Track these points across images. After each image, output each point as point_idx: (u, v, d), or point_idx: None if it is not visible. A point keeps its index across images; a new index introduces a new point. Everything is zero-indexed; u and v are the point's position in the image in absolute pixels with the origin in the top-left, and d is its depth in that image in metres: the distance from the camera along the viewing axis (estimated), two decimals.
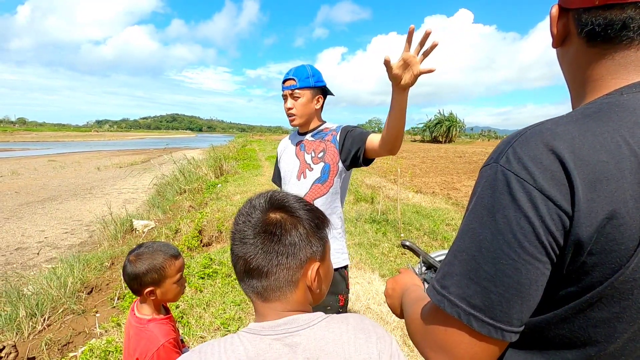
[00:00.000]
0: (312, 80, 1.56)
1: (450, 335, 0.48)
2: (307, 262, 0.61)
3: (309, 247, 0.61)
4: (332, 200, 1.57)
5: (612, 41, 0.48)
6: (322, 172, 1.55)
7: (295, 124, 1.61)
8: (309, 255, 0.61)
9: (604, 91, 0.49)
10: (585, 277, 0.43)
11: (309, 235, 0.61)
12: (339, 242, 1.60)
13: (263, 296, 0.61)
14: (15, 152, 27.06)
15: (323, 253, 0.64)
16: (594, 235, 0.41)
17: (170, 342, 1.15)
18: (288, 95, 1.57)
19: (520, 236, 0.43)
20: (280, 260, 0.59)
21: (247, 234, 0.60)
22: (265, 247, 0.59)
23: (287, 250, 0.59)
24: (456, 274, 0.48)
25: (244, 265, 0.60)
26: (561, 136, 0.44)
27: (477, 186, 0.50)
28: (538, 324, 0.48)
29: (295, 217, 0.61)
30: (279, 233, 0.59)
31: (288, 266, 0.59)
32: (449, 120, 41.93)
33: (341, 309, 1.57)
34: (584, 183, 0.41)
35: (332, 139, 1.59)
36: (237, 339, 0.59)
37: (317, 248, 0.62)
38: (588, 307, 0.44)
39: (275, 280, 0.59)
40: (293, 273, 0.60)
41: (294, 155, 1.66)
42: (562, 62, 0.57)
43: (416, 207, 6.64)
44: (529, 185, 0.43)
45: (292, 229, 0.60)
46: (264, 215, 0.61)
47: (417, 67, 1.14)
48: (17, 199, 9.46)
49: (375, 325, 0.63)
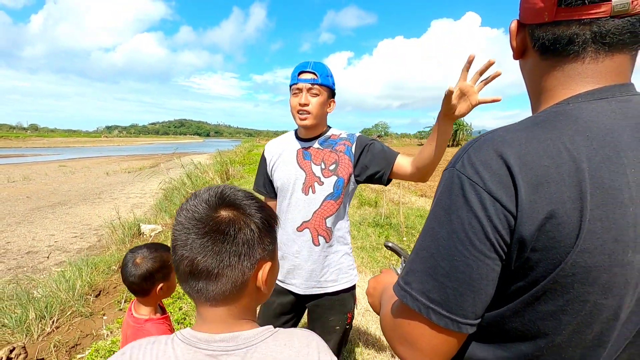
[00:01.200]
0: (330, 80, 1.39)
1: (414, 328, 0.52)
2: (258, 262, 0.58)
3: (262, 246, 0.58)
4: (342, 215, 1.48)
5: (561, 54, 0.52)
6: (334, 187, 1.39)
7: (307, 124, 1.38)
8: (261, 255, 0.58)
9: (555, 100, 0.53)
10: (530, 272, 0.47)
11: (262, 234, 0.59)
12: (351, 258, 1.54)
13: (209, 299, 0.57)
14: (27, 158, 27.60)
15: (273, 252, 0.62)
16: (535, 233, 0.45)
17: None
18: (304, 90, 1.35)
19: (471, 235, 0.47)
20: (232, 260, 0.55)
21: (194, 231, 0.55)
22: (216, 247, 0.55)
23: (241, 250, 0.56)
24: (417, 271, 0.52)
25: (190, 266, 0.55)
26: (509, 143, 0.48)
27: (437, 189, 0.54)
28: (494, 317, 0.52)
29: (247, 215, 0.58)
30: (232, 232, 0.55)
31: (240, 267, 0.56)
32: (456, 123, 41.66)
33: (348, 326, 1.56)
34: (527, 185, 0.45)
35: (345, 149, 1.42)
36: (170, 346, 0.56)
37: (269, 247, 0.60)
38: (535, 300, 0.48)
39: (224, 282, 0.56)
40: (245, 274, 0.57)
41: (295, 164, 1.44)
42: (522, 72, 0.62)
43: (420, 210, 6.63)
44: (479, 187, 0.47)
45: (245, 228, 0.57)
46: (214, 212, 0.57)
47: (475, 97, 1.09)
48: (28, 203, 9.66)
49: (321, 348, 0.60)
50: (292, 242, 1.45)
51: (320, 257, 1.45)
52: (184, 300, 2.99)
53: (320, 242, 1.43)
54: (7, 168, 18.79)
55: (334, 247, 1.47)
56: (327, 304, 1.51)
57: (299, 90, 1.37)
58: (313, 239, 1.43)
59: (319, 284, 1.48)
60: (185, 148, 43.36)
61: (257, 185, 1.62)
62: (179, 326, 2.61)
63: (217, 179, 9.90)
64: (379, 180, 1.43)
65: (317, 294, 1.49)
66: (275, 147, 1.54)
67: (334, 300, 1.51)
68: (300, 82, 1.36)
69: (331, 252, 1.47)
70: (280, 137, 1.60)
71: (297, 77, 1.37)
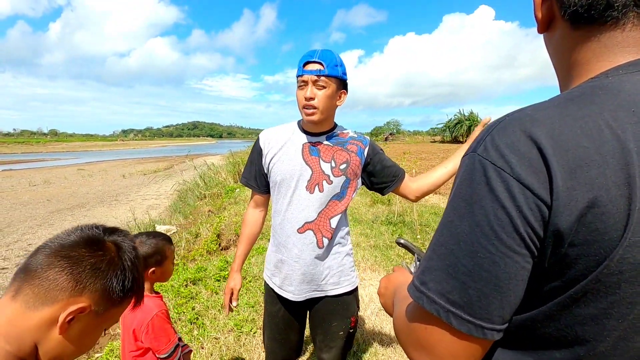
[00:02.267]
0: (340, 70, 1.27)
1: (431, 333, 0.46)
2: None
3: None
4: (344, 217, 1.43)
5: (597, 22, 0.45)
6: (341, 187, 1.34)
7: (314, 119, 1.28)
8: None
9: (591, 75, 0.47)
10: (568, 270, 0.41)
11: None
12: (352, 258, 1.49)
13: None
14: (47, 162, 28.44)
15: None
16: (574, 225, 0.39)
17: (162, 313, 1.28)
18: (310, 82, 1.24)
19: (497, 228, 0.41)
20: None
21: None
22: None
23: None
24: (435, 269, 0.46)
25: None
26: (540, 122, 0.42)
27: (456, 177, 0.48)
28: (524, 321, 0.46)
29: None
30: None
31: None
32: (470, 119, 40.95)
33: (352, 330, 1.49)
34: (563, 170, 0.39)
35: (357, 150, 1.36)
36: None
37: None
38: (573, 302, 0.42)
39: None
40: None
41: (300, 159, 1.33)
42: (548, 47, 0.55)
43: (434, 208, 6.52)
44: (505, 173, 0.41)
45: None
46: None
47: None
48: (48, 206, 9.93)
49: None
50: (293, 245, 1.36)
51: (323, 259, 1.38)
52: (197, 300, 3.00)
53: (324, 243, 1.36)
54: (29, 172, 19.41)
55: (336, 248, 1.41)
56: (328, 308, 1.44)
57: (304, 82, 1.26)
58: (317, 241, 1.35)
59: (319, 287, 1.41)
60: (199, 150, 43.99)
61: (246, 178, 1.47)
62: (192, 326, 2.61)
63: (230, 179, 9.96)
64: (379, 190, 1.46)
65: (318, 297, 1.42)
66: (275, 137, 1.39)
67: (336, 304, 1.44)
68: (306, 73, 1.25)
69: (333, 253, 1.40)
70: (280, 127, 1.44)
71: (302, 68, 1.27)
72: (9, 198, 11.16)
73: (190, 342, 2.40)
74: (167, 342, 1.26)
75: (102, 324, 0.64)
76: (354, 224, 5.40)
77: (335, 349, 1.48)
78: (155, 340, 1.24)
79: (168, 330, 1.28)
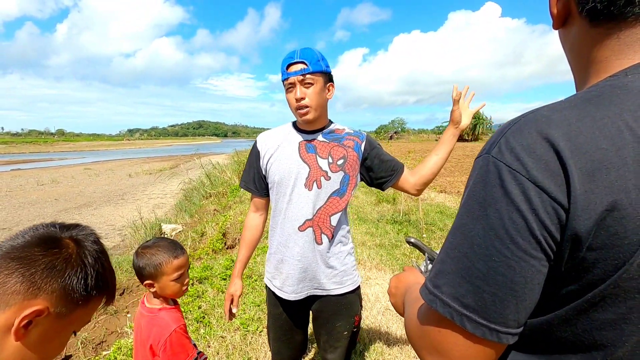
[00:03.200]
0: (323, 64, 1.28)
1: (445, 336, 0.46)
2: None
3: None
4: (345, 215, 1.42)
5: (617, 19, 0.44)
6: (341, 183, 1.34)
7: (309, 118, 1.29)
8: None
9: (609, 73, 0.45)
10: (585, 274, 0.40)
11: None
12: (354, 257, 1.49)
13: None
14: (54, 162, 28.78)
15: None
16: (593, 228, 0.38)
17: (181, 328, 1.21)
18: (297, 83, 1.25)
19: (512, 231, 0.41)
20: None
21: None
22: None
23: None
24: (448, 272, 0.45)
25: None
26: (557, 123, 0.41)
27: (469, 179, 0.47)
28: (539, 325, 0.45)
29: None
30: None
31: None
32: (475, 117, 40.60)
33: (355, 329, 1.50)
34: (581, 172, 0.38)
35: (354, 146, 1.36)
36: None
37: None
38: (591, 307, 0.41)
39: None
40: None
41: (297, 157, 1.34)
42: (564, 44, 0.54)
43: (440, 207, 6.48)
44: (521, 176, 0.40)
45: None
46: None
47: (468, 111, 1.39)
48: (56, 205, 10.05)
49: None
50: (294, 243, 1.35)
51: (324, 257, 1.37)
52: (203, 299, 3.01)
53: (324, 240, 1.35)
54: (37, 172, 19.64)
55: (337, 247, 1.40)
56: (332, 308, 1.44)
57: (291, 85, 1.27)
58: (316, 237, 1.34)
59: (321, 286, 1.40)
60: (204, 149, 44.23)
61: (245, 182, 1.48)
62: (198, 324, 2.62)
63: (235, 178, 10.01)
64: (379, 186, 1.45)
65: (319, 295, 1.42)
66: (271, 139, 1.41)
67: (340, 304, 1.44)
68: (291, 75, 1.25)
69: (335, 252, 1.40)
70: (276, 128, 1.46)
71: (286, 71, 1.27)
72: (18, 197, 11.31)
73: (197, 341, 2.41)
74: (185, 358, 1.20)
75: (68, 327, 0.60)
76: (359, 222, 5.40)
77: (340, 348, 1.49)
78: (173, 356, 1.18)
79: (187, 346, 1.22)
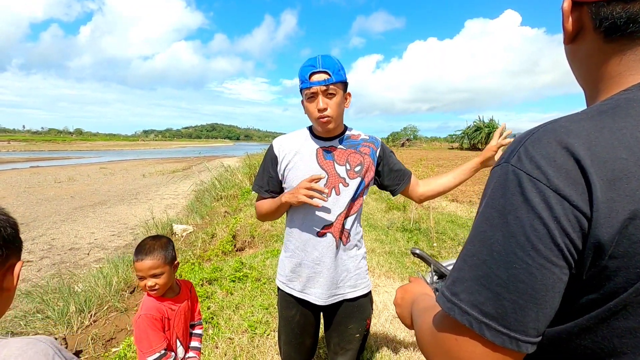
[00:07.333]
0: (343, 73, 1.28)
1: (462, 345, 0.45)
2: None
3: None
4: (358, 219, 1.44)
5: (633, 36, 0.45)
6: (357, 189, 1.37)
7: (331, 127, 1.30)
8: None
9: (622, 87, 0.46)
10: (607, 282, 0.40)
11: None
12: (366, 261, 1.51)
13: None
14: (72, 160, 29.53)
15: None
16: (615, 237, 0.38)
17: (147, 316, 1.27)
18: (320, 93, 1.25)
19: (534, 238, 0.41)
20: None
21: None
22: None
23: None
24: (466, 280, 0.45)
25: None
26: (576, 133, 0.42)
27: (487, 187, 0.47)
28: (558, 334, 0.45)
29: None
30: None
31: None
32: (489, 126, 40.12)
33: (366, 332, 1.52)
34: (602, 181, 0.39)
35: (370, 152, 1.39)
36: None
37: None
38: (612, 315, 0.41)
39: None
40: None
41: (315, 164, 1.35)
42: (573, 59, 0.54)
43: (451, 216, 6.42)
44: (542, 184, 0.41)
45: None
46: None
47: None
48: (72, 203, 10.29)
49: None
50: (313, 248, 1.37)
51: (341, 262, 1.40)
52: (212, 300, 3.04)
53: (341, 246, 1.39)
54: (55, 170, 20.18)
55: (352, 251, 1.43)
56: (345, 311, 1.46)
57: (313, 94, 1.26)
58: (335, 242, 1.37)
59: (338, 291, 1.42)
60: (216, 151, 44.67)
61: (258, 185, 1.45)
62: (206, 325, 2.65)
63: (246, 181, 10.10)
64: (389, 190, 1.51)
65: (337, 302, 1.44)
66: (288, 145, 1.41)
67: (353, 307, 1.46)
68: (314, 85, 1.24)
69: (350, 255, 1.42)
70: (292, 134, 1.46)
71: (308, 80, 1.25)
72: (36, 193, 11.63)
73: (205, 342, 2.43)
74: (148, 348, 1.23)
75: None
76: (369, 229, 5.38)
77: (351, 351, 1.50)
78: (136, 341, 1.26)
79: (150, 338, 1.24)
